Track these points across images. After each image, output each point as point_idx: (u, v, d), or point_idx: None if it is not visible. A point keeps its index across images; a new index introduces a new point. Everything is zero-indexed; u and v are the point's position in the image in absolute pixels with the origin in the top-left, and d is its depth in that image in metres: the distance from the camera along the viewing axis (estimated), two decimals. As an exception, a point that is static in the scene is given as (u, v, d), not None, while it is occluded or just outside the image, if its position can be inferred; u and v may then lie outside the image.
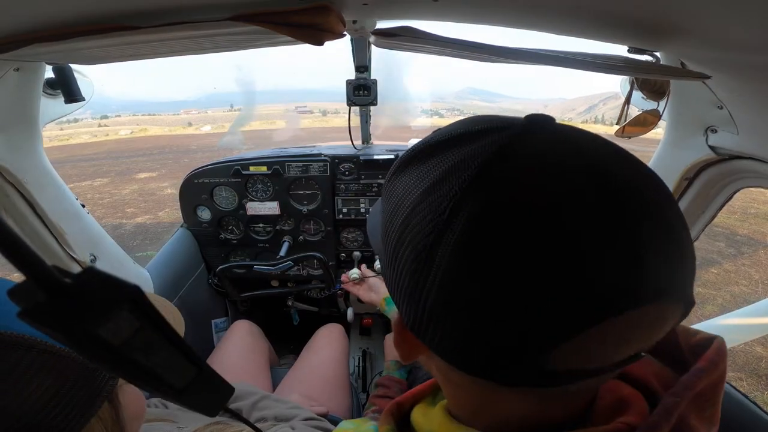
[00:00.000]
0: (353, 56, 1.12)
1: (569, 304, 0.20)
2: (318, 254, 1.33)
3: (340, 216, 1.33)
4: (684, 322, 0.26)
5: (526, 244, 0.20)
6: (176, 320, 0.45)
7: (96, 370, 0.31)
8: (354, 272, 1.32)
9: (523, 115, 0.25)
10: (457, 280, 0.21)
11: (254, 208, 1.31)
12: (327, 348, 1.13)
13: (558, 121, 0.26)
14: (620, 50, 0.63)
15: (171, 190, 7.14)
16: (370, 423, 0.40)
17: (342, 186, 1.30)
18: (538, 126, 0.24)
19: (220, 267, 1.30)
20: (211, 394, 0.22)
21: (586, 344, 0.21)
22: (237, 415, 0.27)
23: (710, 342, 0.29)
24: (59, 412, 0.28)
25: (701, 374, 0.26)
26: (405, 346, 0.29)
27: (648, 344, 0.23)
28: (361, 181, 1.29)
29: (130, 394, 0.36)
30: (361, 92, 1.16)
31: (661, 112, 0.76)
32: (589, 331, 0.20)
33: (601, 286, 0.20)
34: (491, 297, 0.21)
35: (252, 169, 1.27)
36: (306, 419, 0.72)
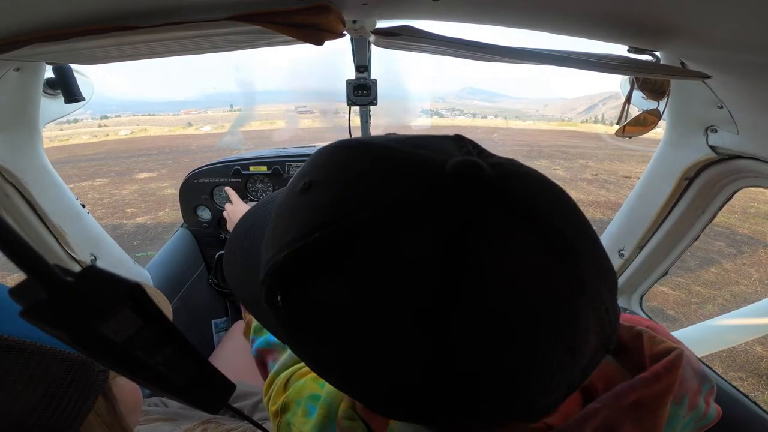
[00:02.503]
0: (353, 56, 1.12)
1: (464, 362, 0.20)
2: None
3: (340, 216, 1.32)
4: (688, 320, 0.26)
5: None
6: (163, 307, 0.44)
7: (85, 366, 0.30)
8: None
9: (524, 115, 0.25)
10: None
11: (254, 208, 1.31)
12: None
13: (558, 121, 0.25)
14: (620, 50, 0.63)
15: (171, 190, 7.14)
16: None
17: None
18: (471, 187, 0.20)
19: (219, 253, 1.29)
20: (213, 391, 0.22)
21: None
22: (240, 413, 0.27)
23: (667, 353, 0.28)
24: (53, 411, 0.28)
25: (637, 385, 0.26)
26: (374, 423, 0.29)
27: None
28: (361, 181, 1.29)
29: (124, 387, 0.36)
30: (361, 92, 1.16)
31: (661, 111, 0.77)
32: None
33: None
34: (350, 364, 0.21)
35: (252, 169, 1.27)
36: None
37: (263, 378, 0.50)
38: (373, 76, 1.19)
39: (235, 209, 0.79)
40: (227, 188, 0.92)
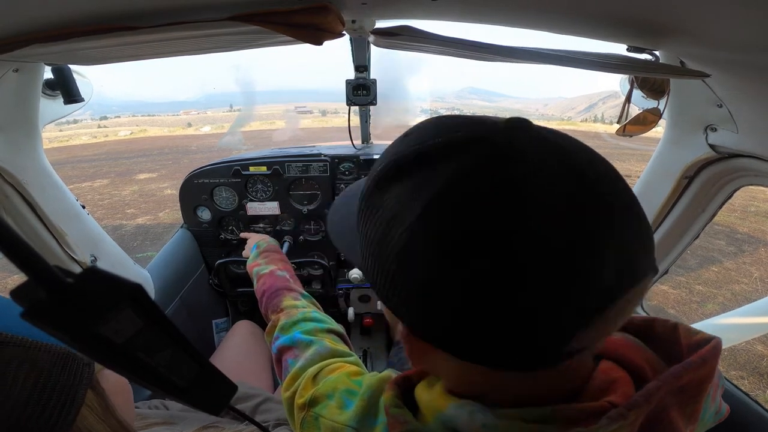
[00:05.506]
0: (352, 56, 1.12)
1: (587, 299, 0.23)
2: (323, 261, 1.33)
3: (341, 216, 1.33)
4: (688, 318, 0.27)
5: (554, 250, 0.22)
6: None
7: (69, 358, 0.30)
8: (354, 272, 1.32)
9: (524, 114, 0.26)
10: (488, 287, 0.23)
11: (254, 208, 1.31)
12: (328, 348, 1.13)
13: (558, 120, 0.26)
14: (620, 49, 0.63)
15: (171, 190, 7.14)
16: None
17: (342, 186, 1.30)
18: (520, 130, 0.26)
19: (219, 261, 1.30)
20: (214, 392, 0.22)
21: (594, 329, 0.24)
22: (243, 415, 0.27)
23: (708, 341, 0.31)
24: (44, 406, 0.28)
25: (689, 366, 0.28)
26: (416, 354, 0.30)
27: (632, 314, 0.28)
28: (361, 181, 1.29)
29: (111, 379, 0.35)
30: (361, 92, 1.16)
31: (661, 110, 0.77)
32: (599, 318, 0.23)
33: (608, 279, 0.23)
34: (526, 300, 0.22)
35: (252, 169, 1.27)
36: None
37: (279, 376, 0.53)
38: (372, 76, 1.19)
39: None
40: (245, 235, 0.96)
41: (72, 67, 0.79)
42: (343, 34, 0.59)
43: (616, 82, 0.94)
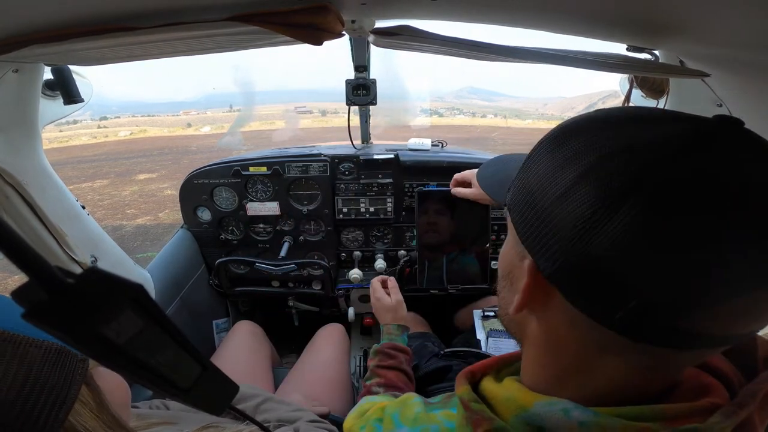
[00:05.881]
0: (352, 56, 1.12)
1: (736, 273, 0.22)
2: (323, 261, 1.33)
3: (341, 216, 1.33)
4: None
5: (715, 218, 0.22)
6: None
7: (62, 354, 0.30)
8: (354, 272, 1.32)
9: (523, 114, 0.26)
10: (634, 239, 0.23)
11: (254, 208, 1.31)
12: (328, 348, 1.13)
13: (558, 120, 0.26)
14: (620, 49, 0.63)
15: (171, 191, 7.13)
16: (416, 404, 0.43)
17: (342, 186, 1.30)
18: (732, 126, 0.26)
19: (219, 260, 1.30)
20: (216, 393, 0.22)
21: (729, 312, 0.23)
22: (245, 415, 0.27)
23: None
24: (35, 401, 0.27)
25: None
26: (531, 293, 0.29)
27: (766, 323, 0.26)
28: (361, 181, 1.29)
29: (106, 378, 0.35)
30: (361, 92, 1.16)
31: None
32: (738, 300, 0.23)
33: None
34: (668, 258, 0.22)
35: (252, 169, 1.27)
36: (310, 421, 0.72)
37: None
38: (372, 76, 1.19)
39: (383, 303, 0.90)
40: (374, 281, 0.98)
41: (72, 67, 0.79)
42: (343, 34, 0.59)
43: (615, 82, 0.94)
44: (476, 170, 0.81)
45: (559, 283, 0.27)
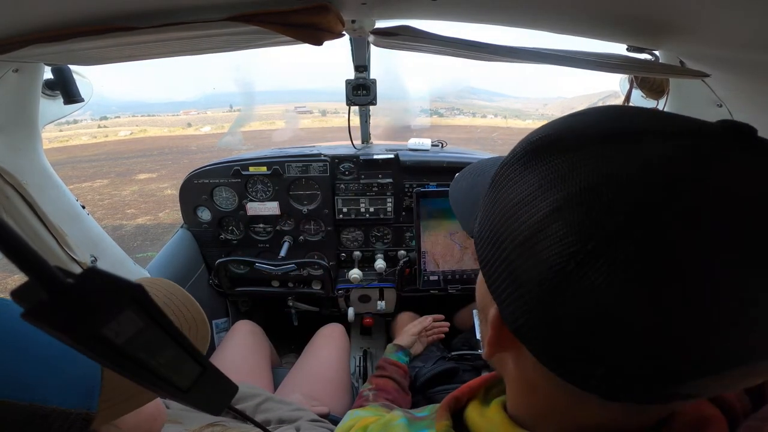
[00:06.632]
0: (352, 56, 1.12)
1: (736, 344, 0.19)
2: (323, 261, 1.33)
3: (341, 216, 1.33)
4: None
5: (718, 283, 0.18)
6: (201, 336, 0.41)
7: (43, 419, 0.26)
8: (354, 272, 1.32)
9: (523, 114, 0.25)
10: (615, 302, 0.19)
11: (254, 208, 1.32)
12: (328, 348, 1.13)
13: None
14: (620, 49, 0.63)
15: (171, 190, 7.13)
16: (400, 426, 0.39)
17: (342, 186, 1.30)
18: (742, 138, 0.21)
19: (219, 260, 1.30)
20: (216, 393, 0.22)
21: (722, 379, 0.20)
22: (244, 415, 0.27)
23: None
24: None
25: None
26: (499, 342, 0.27)
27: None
28: (361, 181, 1.29)
29: (130, 421, 0.33)
30: (361, 92, 1.16)
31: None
32: (735, 370, 0.20)
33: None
34: (657, 325, 0.19)
35: (252, 169, 1.27)
36: (311, 421, 0.72)
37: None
38: (372, 76, 1.19)
39: (406, 329, 1.03)
40: (427, 320, 1.09)
41: (72, 67, 0.79)
42: (343, 34, 0.59)
43: (615, 82, 0.94)
44: None
45: (524, 340, 0.24)
